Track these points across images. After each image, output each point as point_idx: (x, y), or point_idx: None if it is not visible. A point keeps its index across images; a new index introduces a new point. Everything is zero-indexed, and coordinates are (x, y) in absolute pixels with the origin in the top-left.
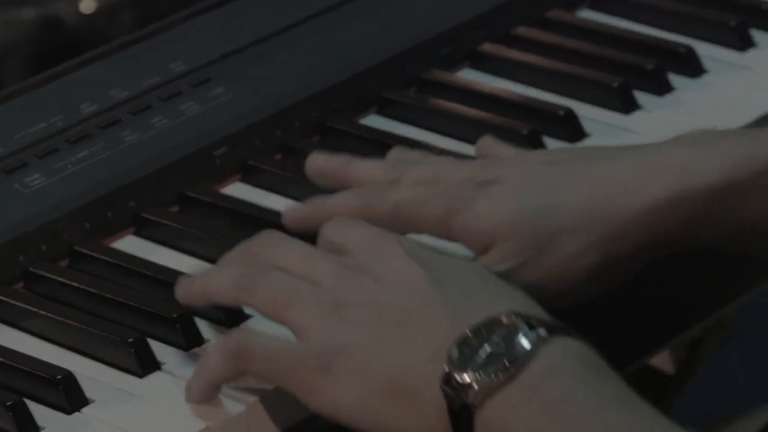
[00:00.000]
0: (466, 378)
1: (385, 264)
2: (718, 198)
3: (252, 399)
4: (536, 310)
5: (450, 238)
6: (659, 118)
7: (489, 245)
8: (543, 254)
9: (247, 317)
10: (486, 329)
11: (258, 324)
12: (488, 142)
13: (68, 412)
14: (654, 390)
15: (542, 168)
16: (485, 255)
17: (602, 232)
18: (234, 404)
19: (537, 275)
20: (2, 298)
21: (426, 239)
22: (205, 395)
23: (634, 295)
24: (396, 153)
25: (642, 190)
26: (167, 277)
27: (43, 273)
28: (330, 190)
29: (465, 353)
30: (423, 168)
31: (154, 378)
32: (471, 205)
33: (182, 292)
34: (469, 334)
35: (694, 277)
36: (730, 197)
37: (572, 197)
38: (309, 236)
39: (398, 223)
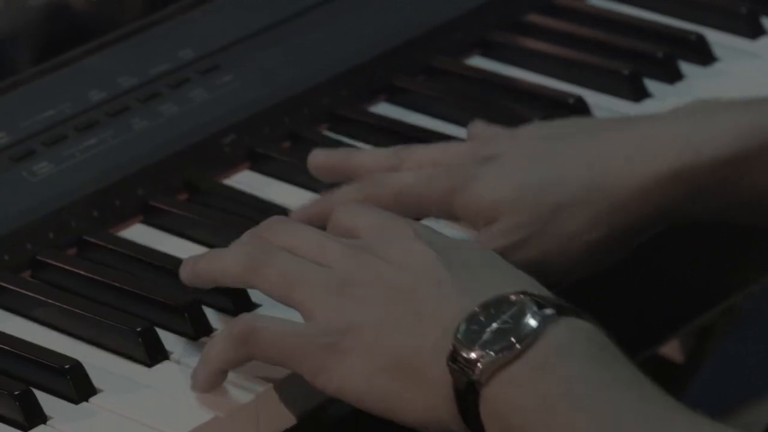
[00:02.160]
0: (473, 355)
1: (394, 245)
2: (722, 170)
3: (261, 388)
4: (545, 291)
5: (453, 217)
6: (670, 106)
7: (491, 221)
8: (545, 229)
9: (254, 306)
10: (494, 307)
11: (266, 312)
12: (479, 127)
13: (76, 402)
14: (663, 379)
15: (541, 142)
16: (487, 229)
17: (604, 206)
18: (243, 393)
19: (540, 250)
20: (10, 286)
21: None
22: (211, 382)
23: (643, 284)
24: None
25: (644, 164)
26: (175, 266)
27: (50, 261)
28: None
29: (472, 330)
30: (423, 151)
31: (162, 367)
32: (472, 182)
33: (187, 273)
34: (478, 311)
35: (703, 265)
36: (734, 169)
37: (573, 171)
38: None
39: (402, 208)
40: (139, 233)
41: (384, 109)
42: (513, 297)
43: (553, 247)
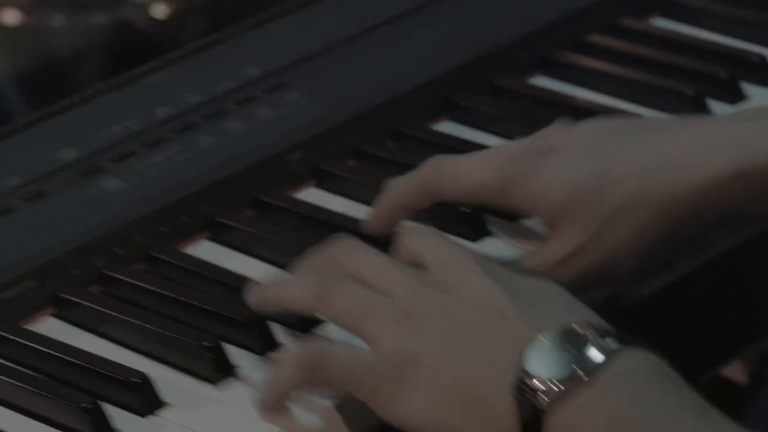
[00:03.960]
0: (538, 384)
1: (460, 278)
2: None
3: (327, 404)
4: (606, 324)
5: (511, 206)
6: None
7: (550, 220)
8: (602, 233)
9: (320, 322)
10: (559, 338)
11: (331, 329)
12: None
13: (144, 415)
14: (726, 401)
15: (600, 139)
16: (545, 246)
17: (659, 207)
18: (311, 409)
19: (597, 254)
20: (78, 300)
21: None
22: (276, 405)
23: (706, 303)
24: None
25: (701, 165)
26: (241, 283)
27: (118, 276)
28: None
29: (537, 360)
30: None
31: (229, 382)
32: (530, 175)
33: (255, 299)
34: (543, 341)
35: (766, 284)
36: None
37: (629, 170)
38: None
39: (459, 192)
40: (206, 249)
41: (447, 127)
42: (577, 328)
43: (610, 250)
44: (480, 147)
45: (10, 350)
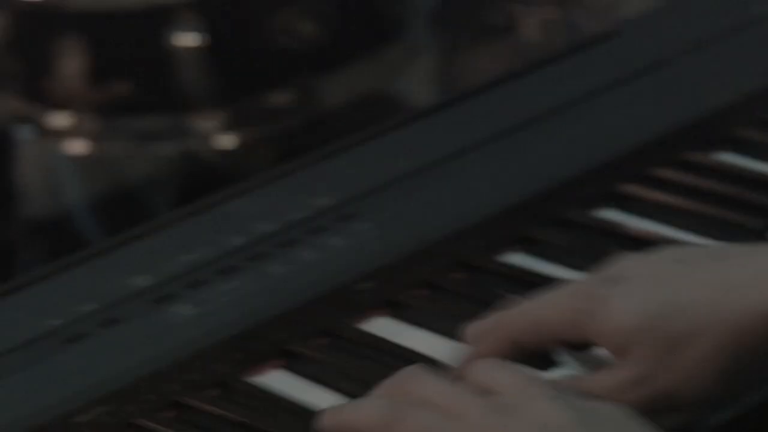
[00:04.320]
0: None
1: (530, 403)
2: None
3: None
4: None
5: (584, 339)
6: None
7: (621, 349)
8: (674, 360)
9: None
10: None
11: None
12: None
13: None
14: None
15: (669, 266)
16: (612, 370)
17: (730, 331)
18: None
19: (666, 382)
20: (151, 427)
21: None
22: None
23: None
24: None
25: None
26: (314, 413)
27: (191, 403)
28: None
29: None
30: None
31: None
32: (601, 305)
33: (328, 422)
34: None
35: None
36: None
37: (699, 295)
38: None
39: (540, 338)
40: (279, 379)
41: (517, 258)
42: None
43: (679, 378)
44: (550, 279)
45: None
